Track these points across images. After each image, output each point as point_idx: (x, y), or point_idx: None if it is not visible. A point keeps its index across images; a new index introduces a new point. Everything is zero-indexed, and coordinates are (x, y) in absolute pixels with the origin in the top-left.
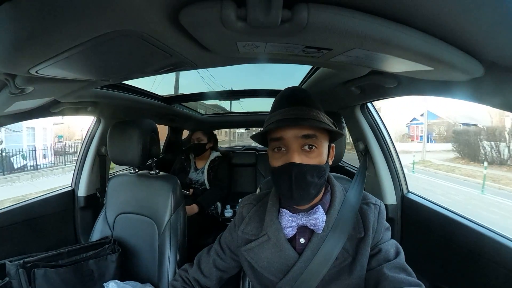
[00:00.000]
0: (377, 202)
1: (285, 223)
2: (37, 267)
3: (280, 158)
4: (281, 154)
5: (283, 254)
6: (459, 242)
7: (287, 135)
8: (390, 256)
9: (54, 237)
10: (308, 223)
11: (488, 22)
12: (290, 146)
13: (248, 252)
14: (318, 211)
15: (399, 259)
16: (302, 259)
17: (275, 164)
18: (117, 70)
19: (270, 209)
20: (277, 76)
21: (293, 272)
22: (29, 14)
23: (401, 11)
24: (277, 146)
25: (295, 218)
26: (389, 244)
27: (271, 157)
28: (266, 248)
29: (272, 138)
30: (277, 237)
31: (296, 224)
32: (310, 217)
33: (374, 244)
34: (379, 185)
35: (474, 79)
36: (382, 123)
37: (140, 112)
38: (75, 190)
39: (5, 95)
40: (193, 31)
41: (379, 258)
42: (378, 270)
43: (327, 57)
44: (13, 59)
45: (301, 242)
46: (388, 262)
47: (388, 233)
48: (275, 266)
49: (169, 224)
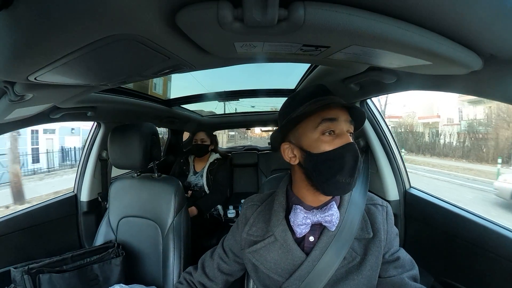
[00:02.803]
0: (384, 203)
1: (300, 220)
2: (42, 272)
3: (332, 142)
4: (332, 137)
5: (290, 255)
6: (463, 236)
7: (341, 117)
8: (407, 265)
9: (58, 243)
10: (323, 220)
11: (486, 15)
12: (342, 128)
13: (254, 254)
14: (333, 207)
15: (416, 270)
16: (310, 259)
17: (326, 148)
18: (115, 74)
19: (277, 209)
20: (276, 75)
21: (300, 271)
22: (26, 21)
23: (398, 6)
24: (331, 129)
25: (310, 215)
26: (403, 252)
27: (318, 141)
28: (273, 249)
29: (326, 119)
30: (284, 238)
31: (311, 221)
32: (326, 213)
33: (388, 249)
34: (381, 181)
35: (473, 72)
36: (382, 119)
37: (140, 115)
38: (78, 195)
39: (5, 103)
40: (190, 32)
41: (397, 266)
42: (400, 278)
43: (325, 54)
44: (11, 67)
45: (311, 240)
46: (407, 271)
47: (397, 239)
48: (282, 266)
49: (173, 226)
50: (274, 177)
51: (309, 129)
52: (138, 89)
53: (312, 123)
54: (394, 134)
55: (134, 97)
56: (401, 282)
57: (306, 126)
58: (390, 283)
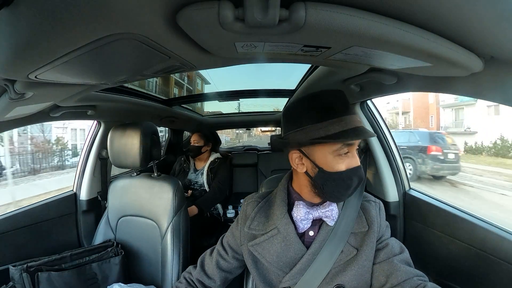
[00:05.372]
0: (376, 200)
1: (303, 215)
2: (41, 271)
3: (344, 162)
4: (345, 158)
5: (292, 247)
6: (462, 238)
7: (356, 141)
8: (396, 250)
9: (57, 241)
10: (324, 215)
11: (487, 17)
12: (355, 151)
13: (256, 247)
14: (332, 203)
15: (406, 254)
16: (310, 251)
17: (340, 168)
18: (116, 73)
19: (280, 204)
20: (276, 75)
21: (301, 264)
22: (27, 19)
23: (399, 8)
24: (346, 152)
25: (312, 211)
26: (393, 240)
27: (333, 161)
28: (276, 242)
29: (347, 144)
30: (287, 231)
31: (312, 217)
32: (326, 209)
33: (379, 237)
34: (381, 182)
35: (474, 74)
36: (382, 120)
37: (140, 114)
38: (77, 194)
39: (5, 101)
40: (191, 32)
41: (387, 252)
42: (389, 262)
43: (326, 55)
44: (12, 65)
45: (310, 235)
46: (396, 255)
47: (388, 230)
48: (283, 260)
49: (172, 226)
50: (274, 177)
51: (327, 149)
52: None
53: (333, 146)
54: None
55: (135, 96)
56: (391, 265)
57: (325, 146)
58: (381, 268)
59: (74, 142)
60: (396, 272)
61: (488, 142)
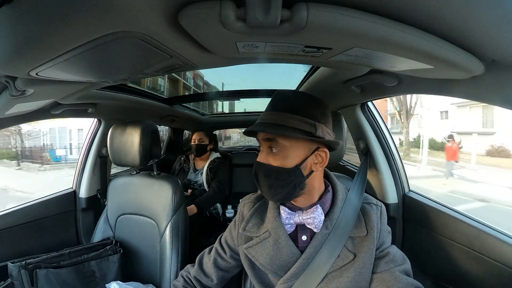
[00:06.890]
0: (378, 203)
1: (284, 220)
2: (39, 268)
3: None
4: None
5: (285, 250)
6: (461, 240)
7: (259, 137)
8: (398, 260)
9: (56, 239)
10: (306, 222)
11: (488, 20)
12: (262, 146)
13: (249, 250)
14: (316, 210)
15: (408, 265)
16: (305, 256)
17: None
18: (117, 72)
19: (272, 207)
20: (277, 76)
21: (295, 268)
22: (29, 17)
23: (401, 9)
24: (259, 145)
25: (293, 216)
26: (394, 248)
27: None
28: (268, 245)
29: (261, 139)
30: (278, 234)
31: (294, 222)
32: (308, 216)
33: (379, 245)
34: (380, 184)
35: (475, 77)
36: (382, 121)
37: (141, 113)
38: (77, 192)
39: (6, 98)
40: (192, 31)
41: (389, 261)
42: (391, 272)
43: (327, 56)
44: (13, 62)
45: (303, 239)
46: (398, 266)
47: (390, 237)
48: (277, 263)
49: (171, 224)
50: None
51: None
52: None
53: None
54: None
55: (135, 94)
56: (392, 276)
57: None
58: (381, 278)
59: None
60: (398, 284)
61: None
